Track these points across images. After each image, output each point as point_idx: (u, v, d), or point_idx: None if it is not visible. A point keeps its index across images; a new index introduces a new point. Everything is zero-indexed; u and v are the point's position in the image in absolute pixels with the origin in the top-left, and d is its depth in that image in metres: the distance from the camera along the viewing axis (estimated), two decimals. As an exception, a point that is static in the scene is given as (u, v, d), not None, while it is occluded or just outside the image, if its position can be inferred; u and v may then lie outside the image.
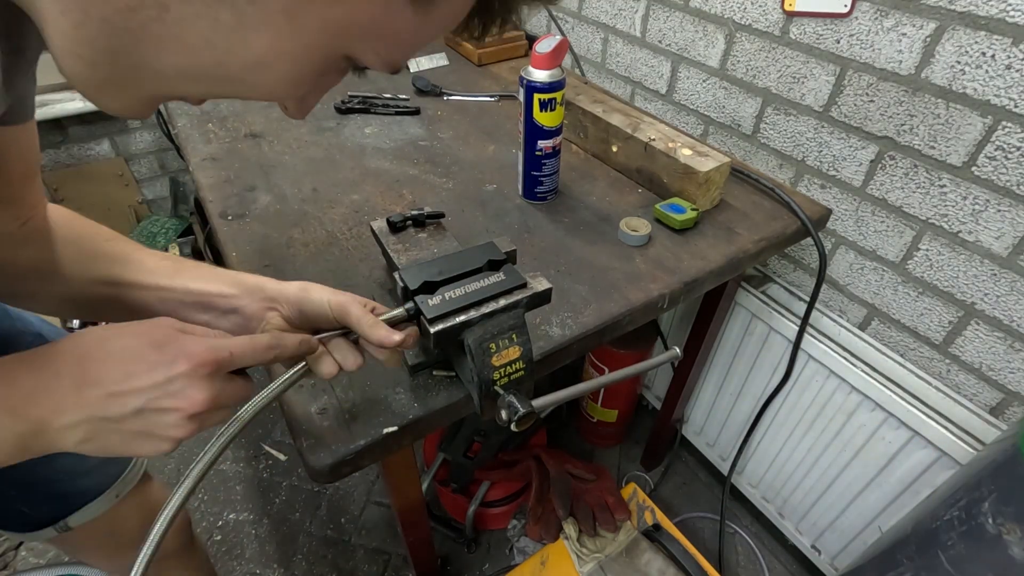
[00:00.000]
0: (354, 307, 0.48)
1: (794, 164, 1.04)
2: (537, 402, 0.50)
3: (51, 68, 0.37)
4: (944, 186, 0.84)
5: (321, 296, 0.49)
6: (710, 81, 1.12)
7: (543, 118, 0.80)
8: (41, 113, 1.67)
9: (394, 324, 0.49)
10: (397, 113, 1.13)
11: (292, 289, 0.50)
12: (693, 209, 0.84)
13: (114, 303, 0.51)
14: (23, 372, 0.33)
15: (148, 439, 0.36)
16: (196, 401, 0.36)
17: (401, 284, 0.52)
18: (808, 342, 1.03)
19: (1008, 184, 0.77)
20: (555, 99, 0.79)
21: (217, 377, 0.38)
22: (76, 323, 1.67)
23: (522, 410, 0.48)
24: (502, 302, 0.52)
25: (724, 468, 1.37)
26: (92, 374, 0.34)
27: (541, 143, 0.83)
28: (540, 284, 0.54)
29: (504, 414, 0.50)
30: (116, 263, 0.51)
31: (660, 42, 1.19)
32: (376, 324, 0.48)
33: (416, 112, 1.14)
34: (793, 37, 0.95)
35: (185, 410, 0.36)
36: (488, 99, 1.20)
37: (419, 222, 0.68)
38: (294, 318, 0.50)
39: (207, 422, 0.39)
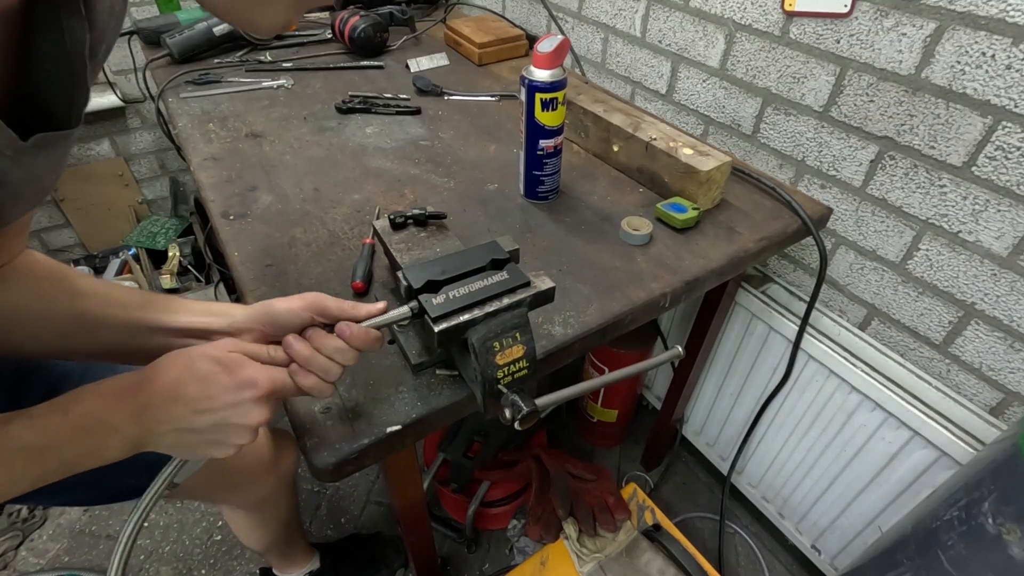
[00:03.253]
0: (327, 299, 0.51)
1: (794, 164, 1.04)
2: (540, 401, 0.50)
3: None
4: (944, 186, 0.84)
5: (287, 304, 0.50)
6: (710, 81, 1.12)
7: (545, 118, 0.80)
8: (41, 113, 1.67)
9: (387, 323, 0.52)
10: (398, 113, 1.13)
11: (256, 310, 0.52)
12: (694, 208, 0.84)
13: (89, 338, 0.53)
14: (138, 390, 0.42)
15: (219, 445, 0.45)
16: (259, 419, 0.45)
17: (404, 283, 0.52)
18: (808, 342, 1.03)
19: (1008, 184, 0.77)
20: (557, 99, 0.79)
21: (273, 398, 0.46)
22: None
23: (526, 409, 0.49)
24: (505, 301, 0.52)
25: (724, 468, 1.37)
26: (182, 393, 0.42)
27: (543, 142, 0.83)
28: (543, 283, 0.54)
29: (508, 413, 0.50)
30: (91, 298, 0.53)
31: (660, 42, 1.19)
32: (356, 303, 0.51)
33: (417, 112, 1.14)
34: (793, 37, 0.95)
35: (250, 426, 0.45)
36: (489, 99, 1.21)
37: (421, 221, 0.68)
38: (269, 335, 0.52)
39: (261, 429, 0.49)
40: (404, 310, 0.51)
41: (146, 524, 1.41)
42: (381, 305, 0.52)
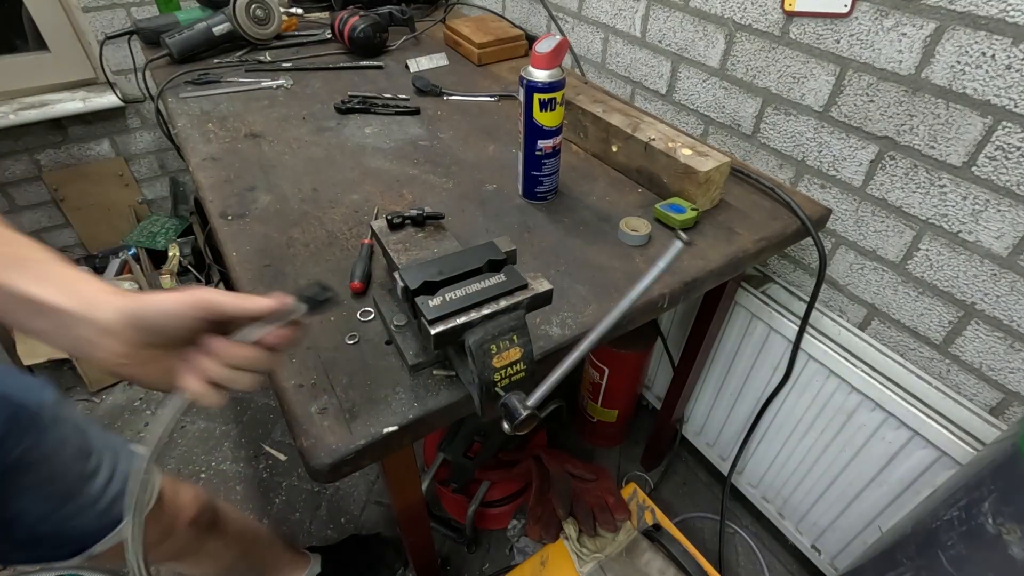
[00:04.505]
0: (219, 296, 0.43)
1: (794, 164, 1.04)
2: (532, 400, 0.50)
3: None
4: (944, 186, 0.84)
5: (166, 307, 0.42)
6: (710, 81, 1.12)
7: (543, 118, 0.80)
8: (41, 113, 1.67)
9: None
10: (397, 113, 1.13)
11: (126, 312, 0.42)
12: (693, 209, 0.84)
13: None
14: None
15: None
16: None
17: (401, 284, 0.52)
18: (808, 342, 1.03)
19: (1008, 184, 0.77)
20: (555, 99, 0.79)
21: None
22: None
23: (524, 413, 0.48)
24: (503, 303, 0.52)
25: (724, 468, 1.37)
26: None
27: (541, 143, 0.83)
28: (541, 285, 0.54)
29: (505, 416, 0.50)
30: None
31: (660, 42, 1.19)
32: (249, 298, 0.44)
33: (416, 112, 1.14)
34: (793, 37, 0.95)
35: None
36: (488, 99, 1.20)
37: (418, 222, 0.68)
38: (144, 342, 0.42)
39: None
40: (299, 306, 0.45)
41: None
42: (270, 302, 0.44)
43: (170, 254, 1.94)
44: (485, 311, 0.51)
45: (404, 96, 1.18)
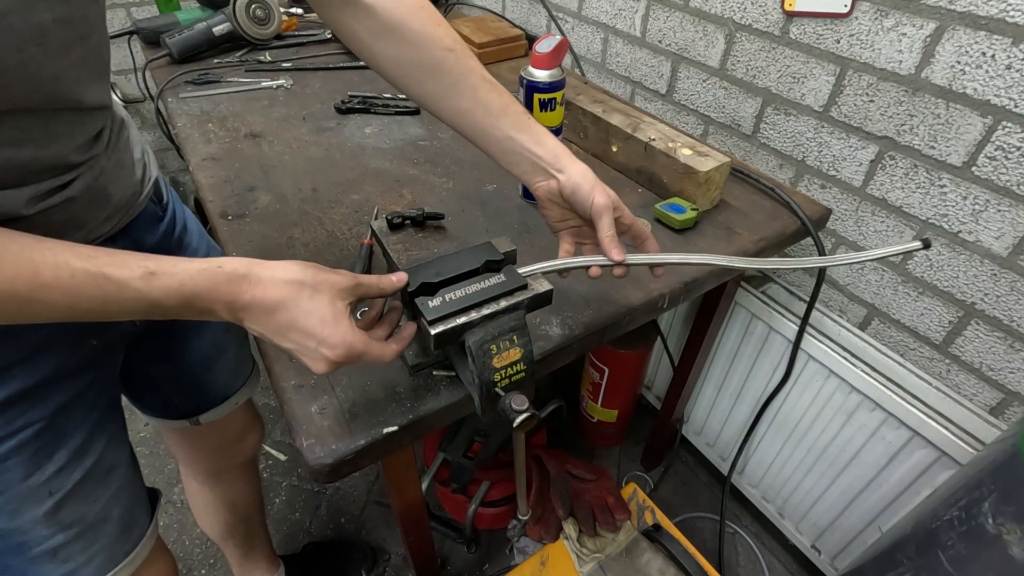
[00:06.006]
0: (607, 218, 0.56)
1: (794, 164, 1.04)
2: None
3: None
4: (944, 186, 0.84)
5: (588, 193, 0.56)
6: (710, 81, 1.12)
7: (543, 118, 0.80)
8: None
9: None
10: (397, 113, 1.13)
11: (570, 176, 0.58)
12: (693, 209, 0.84)
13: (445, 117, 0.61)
14: (244, 291, 0.45)
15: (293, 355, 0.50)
16: (321, 370, 0.48)
17: (401, 284, 0.52)
18: (808, 342, 1.03)
19: (1008, 184, 0.77)
20: (555, 99, 0.79)
21: (343, 361, 0.48)
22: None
23: (523, 413, 0.48)
24: (503, 304, 0.52)
25: (724, 468, 1.37)
26: (276, 315, 0.46)
27: (541, 143, 0.82)
28: (541, 285, 0.54)
29: (505, 416, 0.50)
30: (458, 88, 0.59)
31: (660, 42, 1.19)
32: (613, 239, 0.57)
33: (416, 112, 1.14)
34: (793, 37, 0.94)
35: (311, 367, 0.48)
36: (488, 99, 1.20)
37: (418, 222, 0.68)
38: (565, 199, 0.59)
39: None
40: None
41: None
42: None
43: (170, 254, 1.94)
44: (485, 311, 0.51)
45: (404, 96, 1.18)
